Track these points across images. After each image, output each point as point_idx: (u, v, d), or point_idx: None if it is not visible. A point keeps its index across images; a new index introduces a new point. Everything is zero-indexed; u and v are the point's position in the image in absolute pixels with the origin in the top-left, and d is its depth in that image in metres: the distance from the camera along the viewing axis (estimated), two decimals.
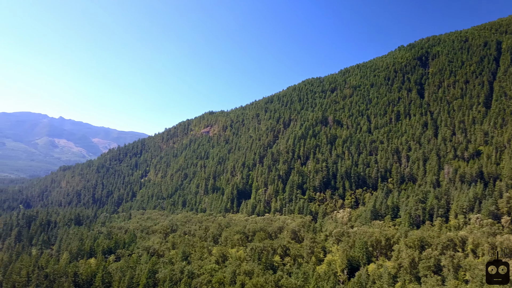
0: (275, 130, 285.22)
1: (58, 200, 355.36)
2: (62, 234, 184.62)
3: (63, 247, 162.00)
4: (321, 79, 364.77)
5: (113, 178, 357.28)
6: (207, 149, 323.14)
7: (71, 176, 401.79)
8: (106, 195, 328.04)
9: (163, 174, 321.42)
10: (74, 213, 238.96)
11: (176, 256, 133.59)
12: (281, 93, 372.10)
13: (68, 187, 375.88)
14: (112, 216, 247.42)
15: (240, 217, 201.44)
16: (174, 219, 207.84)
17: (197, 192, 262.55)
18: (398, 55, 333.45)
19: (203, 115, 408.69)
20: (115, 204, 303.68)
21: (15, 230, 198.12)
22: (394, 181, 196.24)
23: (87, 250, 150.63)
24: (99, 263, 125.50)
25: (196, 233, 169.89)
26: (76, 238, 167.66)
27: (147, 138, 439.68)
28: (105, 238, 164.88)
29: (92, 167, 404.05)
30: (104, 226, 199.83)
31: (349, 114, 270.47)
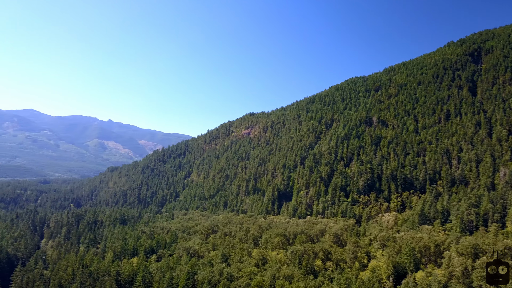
0: (316, 131, 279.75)
1: (106, 199, 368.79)
2: (107, 233, 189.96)
3: (108, 246, 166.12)
4: (365, 78, 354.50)
5: (158, 179, 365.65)
6: (247, 150, 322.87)
7: (118, 177, 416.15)
8: (151, 195, 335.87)
9: (205, 175, 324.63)
10: (120, 212, 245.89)
11: (215, 257, 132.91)
12: (323, 93, 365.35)
13: (115, 187, 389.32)
14: (155, 216, 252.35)
15: (281, 219, 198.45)
16: (215, 220, 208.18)
17: (238, 193, 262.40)
18: (447, 51, 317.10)
19: (244, 117, 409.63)
20: (159, 204, 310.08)
21: (65, 228, 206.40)
22: (444, 183, 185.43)
23: (130, 249, 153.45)
24: (140, 262, 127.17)
25: (236, 235, 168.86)
26: (120, 237, 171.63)
27: (190, 139, 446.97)
28: (148, 238, 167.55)
29: (138, 168, 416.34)
30: (147, 226, 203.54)
31: (395, 114, 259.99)
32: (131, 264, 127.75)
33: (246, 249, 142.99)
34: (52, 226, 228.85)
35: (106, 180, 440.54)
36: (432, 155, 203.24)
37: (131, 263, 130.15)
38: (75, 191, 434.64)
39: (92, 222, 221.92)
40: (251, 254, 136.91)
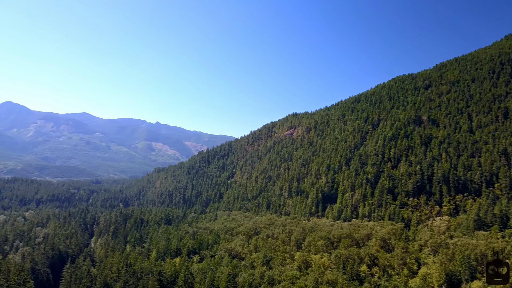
0: (362, 131, 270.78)
1: (153, 199, 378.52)
2: (152, 232, 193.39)
3: (153, 245, 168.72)
4: (414, 76, 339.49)
5: (202, 179, 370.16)
6: (290, 151, 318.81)
7: (164, 177, 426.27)
8: (195, 196, 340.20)
9: (248, 176, 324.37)
10: (165, 212, 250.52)
11: (257, 260, 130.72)
12: (369, 92, 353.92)
13: (162, 188, 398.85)
14: (199, 216, 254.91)
15: (325, 222, 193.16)
16: (257, 221, 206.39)
17: (281, 195, 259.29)
18: (505, 45, 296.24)
19: (287, 117, 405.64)
20: (203, 205, 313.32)
21: (112, 227, 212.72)
22: (502, 186, 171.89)
23: (173, 249, 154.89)
24: (182, 263, 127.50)
25: (279, 237, 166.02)
26: (164, 237, 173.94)
27: (233, 141, 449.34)
28: (191, 238, 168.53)
29: (183, 168, 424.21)
30: (191, 226, 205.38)
31: (447, 113, 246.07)
32: (173, 264, 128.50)
33: (288, 252, 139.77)
34: (101, 225, 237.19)
35: (153, 180, 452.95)
36: (488, 155, 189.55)
37: (173, 263, 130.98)
38: (124, 191, 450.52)
39: (138, 222, 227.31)
40: (294, 257, 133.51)
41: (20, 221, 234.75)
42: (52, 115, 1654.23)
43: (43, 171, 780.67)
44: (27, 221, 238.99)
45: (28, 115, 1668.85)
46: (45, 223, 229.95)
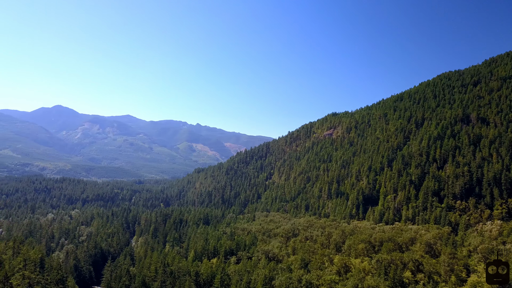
0: (405, 131, 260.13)
1: (193, 199, 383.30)
2: (191, 232, 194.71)
3: (191, 246, 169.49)
4: (461, 72, 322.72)
5: (240, 180, 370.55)
6: (330, 152, 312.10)
7: (204, 178, 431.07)
8: (234, 196, 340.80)
9: (286, 177, 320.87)
10: (203, 212, 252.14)
11: (295, 262, 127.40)
12: (412, 90, 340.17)
13: (201, 188, 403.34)
14: (238, 217, 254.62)
15: (366, 225, 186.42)
16: (296, 223, 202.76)
17: (320, 196, 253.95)
18: None
19: (326, 117, 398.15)
20: (241, 205, 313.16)
21: (152, 227, 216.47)
22: None
23: (211, 250, 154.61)
24: (219, 264, 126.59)
25: (318, 239, 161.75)
26: (202, 237, 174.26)
27: (271, 141, 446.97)
28: (228, 239, 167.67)
29: (222, 169, 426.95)
30: (229, 226, 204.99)
31: (498, 110, 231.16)
32: (210, 265, 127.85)
33: (327, 255, 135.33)
34: (142, 224, 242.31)
35: (193, 181, 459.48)
36: None
37: (210, 264, 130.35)
38: (165, 191, 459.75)
39: (177, 221, 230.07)
40: (333, 261, 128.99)
41: (66, 220, 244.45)
42: (98, 118, 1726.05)
43: (89, 172, 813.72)
44: (73, 219, 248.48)
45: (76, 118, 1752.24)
46: (89, 221, 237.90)
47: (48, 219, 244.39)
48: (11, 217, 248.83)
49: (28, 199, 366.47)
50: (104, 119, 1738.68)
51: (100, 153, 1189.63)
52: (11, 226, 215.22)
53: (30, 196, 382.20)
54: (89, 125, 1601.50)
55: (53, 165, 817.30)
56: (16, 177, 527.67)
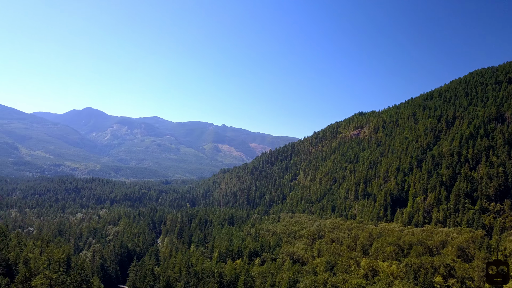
0: (435, 130, 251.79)
1: (218, 200, 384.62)
2: (215, 233, 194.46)
3: (216, 246, 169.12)
4: (494, 69, 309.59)
5: (265, 181, 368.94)
6: (356, 152, 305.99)
7: (229, 178, 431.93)
8: (259, 197, 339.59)
9: (311, 178, 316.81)
10: (228, 213, 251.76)
11: (320, 265, 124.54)
12: (443, 88, 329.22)
13: (227, 188, 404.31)
14: (263, 217, 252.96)
15: (394, 227, 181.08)
16: (321, 224, 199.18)
17: (346, 197, 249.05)
18: None
19: (353, 117, 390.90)
20: (267, 206, 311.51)
21: (178, 227, 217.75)
22: None
23: (235, 250, 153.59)
24: (242, 265, 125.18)
25: (344, 241, 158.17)
26: (226, 238, 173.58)
27: (296, 142, 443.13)
28: (252, 240, 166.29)
29: (247, 170, 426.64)
30: (253, 227, 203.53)
31: None
32: (234, 266, 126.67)
33: (354, 258, 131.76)
34: (168, 224, 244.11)
35: (218, 181, 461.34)
36: None
37: (234, 265, 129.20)
38: (191, 191, 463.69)
39: (202, 222, 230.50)
40: (360, 264, 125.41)
41: (94, 219, 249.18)
42: (127, 119, 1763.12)
43: (118, 172, 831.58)
44: (101, 219, 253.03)
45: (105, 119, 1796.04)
46: (117, 221, 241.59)
47: (77, 218, 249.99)
48: (43, 216, 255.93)
49: (59, 198, 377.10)
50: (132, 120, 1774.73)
51: (129, 154, 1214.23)
52: (42, 224, 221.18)
53: (61, 195, 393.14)
54: (118, 127, 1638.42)
55: (83, 165, 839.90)
56: (48, 177, 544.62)
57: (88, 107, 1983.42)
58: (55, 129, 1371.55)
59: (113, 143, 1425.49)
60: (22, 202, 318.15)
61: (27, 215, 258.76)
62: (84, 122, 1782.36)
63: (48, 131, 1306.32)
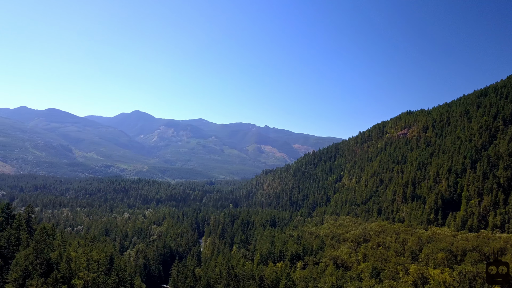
0: (491, 129, 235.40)
1: (260, 201, 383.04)
2: (257, 234, 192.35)
3: (257, 248, 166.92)
4: None
5: (308, 182, 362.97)
6: (404, 152, 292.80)
7: (272, 179, 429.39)
8: (302, 198, 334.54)
9: (357, 179, 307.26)
10: (270, 214, 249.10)
11: (365, 270, 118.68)
12: (499, 84, 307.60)
13: (269, 189, 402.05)
14: (306, 219, 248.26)
15: (446, 232, 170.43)
16: (367, 227, 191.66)
17: (393, 200, 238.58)
18: None
19: (400, 116, 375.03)
20: (310, 208, 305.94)
21: (220, 227, 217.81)
22: None
23: (276, 253, 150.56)
24: (284, 269, 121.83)
25: (391, 246, 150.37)
26: (268, 240, 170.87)
27: (341, 142, 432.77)
28: (294, 243, 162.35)
29: (290, 171, 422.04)
30: (296, 229, 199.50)
31: None
32: (275, 269, 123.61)
33: (401, 264, 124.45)
34: (211, 225, 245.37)
35: (261, 182, 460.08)
36: None
37: (275, 268, 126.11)
38: (234, 192, 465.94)
39: (245, 223, 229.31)
40: (408, 271, 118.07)
41: (140, 219, 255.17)
42: (173, 122, 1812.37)
43: (165, 173, 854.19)
44: (146, 219, 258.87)
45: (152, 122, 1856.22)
46: (161, 221, 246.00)
47: (124, 218, 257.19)
48: (92, 215, 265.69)
49: (108, 198, 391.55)
50: (178, 123, 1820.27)
51: (175, 155, 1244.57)
52: (90, 223, 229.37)
53: (110, 195, 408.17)
54: (164, 129, 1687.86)
55: (132, 166, 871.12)
56: (99, 178, 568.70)
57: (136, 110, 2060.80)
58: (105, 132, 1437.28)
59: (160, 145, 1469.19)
60: (74, 201, 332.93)
61: (77, 214, 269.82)
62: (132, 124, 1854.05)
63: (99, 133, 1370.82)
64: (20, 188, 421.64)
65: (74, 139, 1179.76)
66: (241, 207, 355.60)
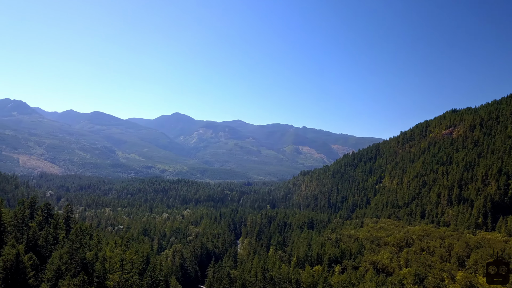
0: None
1: (298, 202, 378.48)
2: (294, 236, 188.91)
3: (294, 251, 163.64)
4: None
5: (348, 184, 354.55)
6: (449, 153, 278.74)
7: (310, 181, 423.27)
8: (341, 200, 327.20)
9: (398, 181, 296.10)
10: (308, 216, 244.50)
11: (408, 277, 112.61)
12: None
13: (307, 191, 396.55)
14: (344, 222, 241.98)
15: (496, 237, 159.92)
16: (409, 231, 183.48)
17: (438, 202, 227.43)
18: None
19: (444, 115, 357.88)
20: (349, 210, 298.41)
21: (257, 229, 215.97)
22: None
23: (313, 256, 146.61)
24: (321, 273, 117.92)
25: (435, 251, 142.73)
26: (305, 242, 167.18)
27: (381, 142, 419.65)
28: (332, 246, 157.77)
29: (328, 172, 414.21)
30: (334, 232, 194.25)
31: None
32: (312, 273, 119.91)
33: (447, 270, 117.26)
34: (248, 226, 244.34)
35: (298, 183, 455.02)
36: None
37: (312, 272, 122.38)
38: (272, 193, 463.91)
39: (282, 224, 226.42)
40: (455, 278, 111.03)
41: (178, 219, 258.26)
42: (211, 123, 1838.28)
43: (203, 173, 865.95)
44: (184, 219, 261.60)
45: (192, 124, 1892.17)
46: (199, 221, 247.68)
47: (163, 218, 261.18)
48: (132, 215, 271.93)
49: (148, 198, 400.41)
50: (217, 124, 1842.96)
51: (213, 156, 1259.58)
52: (130, 223, 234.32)
53: (150, 195, 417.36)
54: (203, 130, 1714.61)
55: (172, 167, 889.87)
56: (140, 178, 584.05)
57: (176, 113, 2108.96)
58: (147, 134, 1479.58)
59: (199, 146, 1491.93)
60: (115, 201, 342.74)
61: (118, 213, 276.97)
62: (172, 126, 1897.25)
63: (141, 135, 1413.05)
64: (66, 188, 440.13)
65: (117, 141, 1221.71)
66: (278, 208, 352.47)
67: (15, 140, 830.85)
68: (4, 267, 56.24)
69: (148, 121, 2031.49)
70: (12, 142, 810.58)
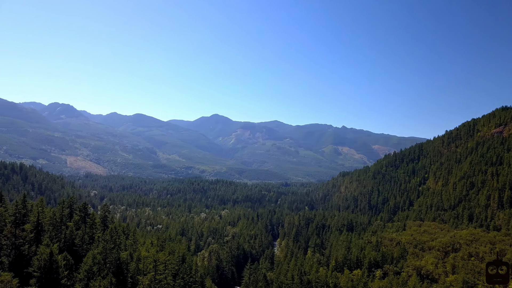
0: None
1: (337, 204, 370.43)
2: (333, 239, 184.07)
3: (333, 253, 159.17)
4: None
5: (389, 185, 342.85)
6: (499, 153, 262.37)
7: (349, 182, 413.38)
8: (382, 202, 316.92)
9: (443, 182, 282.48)
10: (347, 218, 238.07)
11: (455, 284, 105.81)
12: None
13: (346, 192, 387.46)
14: (386, 225, 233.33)
15: None
16: (456, 235, 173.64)
17: (487, 205, 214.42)
18: None
19: (494, 112, 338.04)
20: (390, 212, 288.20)
21: (294, 230, 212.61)
22: None
23: (353, 260, 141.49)
24: (360, 278, 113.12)
25: (485, 257, 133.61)
26: (344, 245, 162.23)
27: (425, 142, 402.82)
28: (373, 249, 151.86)
29: (368, 173, 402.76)
30: (375, 235, 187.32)
31: None
32: (351, 277, 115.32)
33: None
34: (285, 227, 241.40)
35: (338, 184, 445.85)
36: None
37: (351, 276, 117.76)
38: (310, 194, 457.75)
39: (320, 226, 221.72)
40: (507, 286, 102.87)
41: (216, 219, 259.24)
42: (249, 124, 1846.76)
43: (242, 174, 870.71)
44: (221, 219, 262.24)
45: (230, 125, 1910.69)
46: (236, 222, 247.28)
47: (201, 218, 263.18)
48: (171, 215, 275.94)
49: (187, 198, 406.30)
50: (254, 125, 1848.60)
51: (251, 157, 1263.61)
52: (169, 223, 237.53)
53: (189, 196, 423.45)
54: (241, 131, 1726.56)
55: (211, 168, 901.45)
56: (180, 179, 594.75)
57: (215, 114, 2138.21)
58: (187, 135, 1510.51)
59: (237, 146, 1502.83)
60: (156, 201, 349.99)
61: (158, 213, 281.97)
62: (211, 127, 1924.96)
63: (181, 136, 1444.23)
64: (109, 188, 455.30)
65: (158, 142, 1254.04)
66: (316, 210, 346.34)
67: (63, 142, 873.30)
68: (39, 266, 57.19)
69: (188, 122, 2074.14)
70: (61, 144, 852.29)
